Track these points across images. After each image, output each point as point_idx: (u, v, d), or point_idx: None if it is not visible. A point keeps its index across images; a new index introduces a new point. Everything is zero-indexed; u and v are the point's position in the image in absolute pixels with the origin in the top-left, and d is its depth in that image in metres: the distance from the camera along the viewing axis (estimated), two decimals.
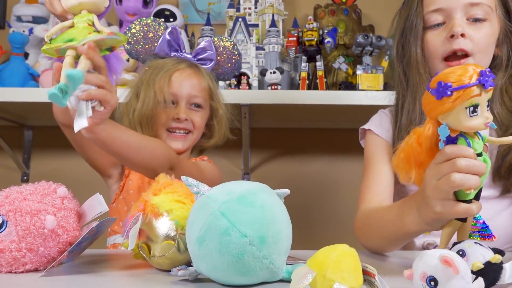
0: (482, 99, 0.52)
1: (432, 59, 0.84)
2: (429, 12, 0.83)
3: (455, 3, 0.80)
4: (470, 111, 0.52)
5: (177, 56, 1.06)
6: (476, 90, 0.52)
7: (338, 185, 1.75)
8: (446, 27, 0.82)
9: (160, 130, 1.02)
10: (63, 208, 0.62)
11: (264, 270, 0.50)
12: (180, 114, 1.00)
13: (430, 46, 0.84)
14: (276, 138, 1.77)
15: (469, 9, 0.80)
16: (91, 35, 0.68)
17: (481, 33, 0.81)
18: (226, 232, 0.48)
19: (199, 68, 1.06)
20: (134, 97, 1.04)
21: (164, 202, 0.59)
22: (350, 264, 0.44)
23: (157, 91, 0.99)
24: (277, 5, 1.60)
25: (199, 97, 1.03)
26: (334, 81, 1.57)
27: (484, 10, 0.81)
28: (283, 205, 0.55)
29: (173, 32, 1.05)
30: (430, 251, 0.43)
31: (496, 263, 0.46)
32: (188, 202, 0.60)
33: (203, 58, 1.07)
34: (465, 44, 0.79)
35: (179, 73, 1.02)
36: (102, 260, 0.74)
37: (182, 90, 1.01)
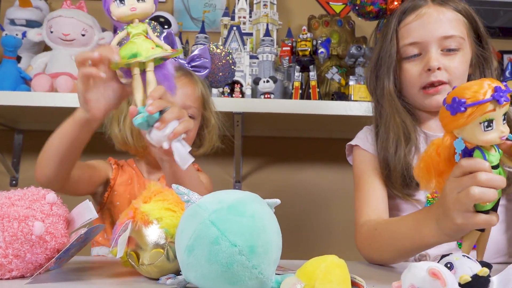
0: (497, 114, 0.53)
1: (410, 88, 0.88)
2: (405, 45, 0.87)
3: (430, 37, 0.85)
4: (484, 126, 0.53)
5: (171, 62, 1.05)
6: (490, 106, 0.52)
7: (329, 194, 1.75)
8: (422, 58, 0.86)
9: None
10: (52, 214, 0.61)
11: (253, 280, 0.50)
12: None
13: (408, 76, 0.88)
14: (269, 147, 1.77)
15: (443, 41, 0.85)
16: (156, 52, 0.68)
17: (455, 62, 0.86)
18: (216, 241, 0.48)
19: (193, 75, 1.04)
20: (125, 102, 1.02)
21: (154, 210, 0.59)
22: (339, 275, 0.44)
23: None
24: (272, 14, 1.61)
25: (192, 107, 1.01)
26: (327, 91, 1.58)
27: (457, 41, 0.86)
28: (273, 215, 0.54)
29: (169, 36, 1.02)
30: (418, 263, 0.43)
31: (483, 276, 0.46)
32: (179, 210, 0.59)
33: (198, 65, 1.06)
34: (442, 76, 0.85)
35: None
36: (90, 267, 0.73)
37: (177, 100, 0.98)
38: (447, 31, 0.85)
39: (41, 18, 1.57)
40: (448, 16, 0.86)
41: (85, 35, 1.47)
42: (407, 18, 0.88)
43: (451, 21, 0.86)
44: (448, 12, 0.86)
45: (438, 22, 0.85)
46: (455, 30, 0.86)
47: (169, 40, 1.04)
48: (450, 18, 0.86)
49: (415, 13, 0.87)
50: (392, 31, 0.88)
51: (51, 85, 1.37)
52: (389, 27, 0.90)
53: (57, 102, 1.33)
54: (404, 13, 0.89)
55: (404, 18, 0.88)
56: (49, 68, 1.47)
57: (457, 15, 0.87)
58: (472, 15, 0.89)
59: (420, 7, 0.87)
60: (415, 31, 0.86)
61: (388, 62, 0.88)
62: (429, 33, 0.85)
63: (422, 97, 0.88)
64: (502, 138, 0.54)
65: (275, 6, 1.63)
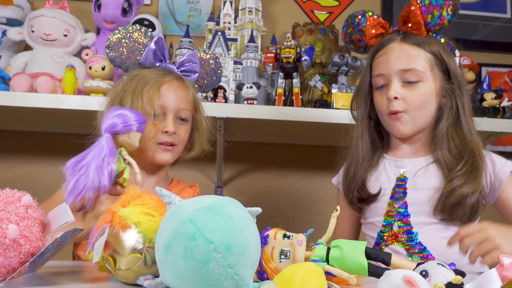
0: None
1: (380, 115, 1.02)
2: (375, 76, 1.00)
3: (391, 70, 0.96)
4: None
5: (161, 66, 1.04)
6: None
7: (310, 201, 1.76)
8: (387, 89, 0.98)
9: (149, 143, 0.98)
10: (27, 217, 0.60)
11: (229, 280, 0.50)
12: (169, 127, 0.98)
13: (377, 104, 1.01)
14: (251, 152, 1.77)
15: (403, 74, 0.96)
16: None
17: (415, 93, 0.96)
18: (192, 237, 0.48)
19: (184, 80, 1.05)
20: (117, 105, 0.99)
21: (132, 214, 0.58)
22: (315, 282, 0.45)
23: (146, 102, 0.96)
24: (257, 21, 1.62)
25: (186, 110, 1.02)
26: (309, 99, 1.60)
27: (416, 74, 0.96)
28: (253, 220, 0.55)
29: (159, 41, 1.03)
30: (393, 270, 0.44)
31: (457, 284, 0.47)
32: (157, 215, 0.59)
33: (187, 70, 1.07)
34: (398, 105, 0.96)
35: (167, 85, 1.00)
36: (65, 272, 0.72)
37: (171, 103, 0.99)
38: (406, 65, 0.96)
39: (23, 17, 1.54)
40: (410, 52, 0.96)
41: (67, 35, 1.45)
42: (378, 53, 1.01)
43: (412, 57, 0.96)
44: (411, 48, 0.97)
45: (399, 57, 0.96)
46: (415, 65, 0.95)
47: (159, 46, 1.04)
48: (412, 54, 0.96)
49: (384, 49, 0.99)
50: (367, 65, 1.02)
51: (31, 85, 1.34)
52: (367, 60, 1.03)
53: (36, 103, 1.31)
54: (377, 48, 1.01)
55: (376, 53, 1.01)
56: (29, 68, 1.44)
57: (420, 51, 0.97)
58: (439, 52, 0.97)
59: (389, 44, 0.99)
60: (381, 65, 0.98)
61: (364, 91, 1.02)
62: (390, 67, 0.96)
63: (389, 122, 1.00)
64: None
65: (260, 13, 1.64)
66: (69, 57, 1.48)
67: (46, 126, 1.64)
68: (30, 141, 1.69)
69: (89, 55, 1.41)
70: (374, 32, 1.00)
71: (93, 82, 1.33)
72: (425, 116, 0.98)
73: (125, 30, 1.03)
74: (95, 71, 1.32)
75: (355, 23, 1.05)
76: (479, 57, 1.88)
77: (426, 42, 0.97)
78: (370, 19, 1.01)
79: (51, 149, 1.67)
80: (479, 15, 1.93)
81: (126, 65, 1.05)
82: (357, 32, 1.06)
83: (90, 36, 1.50)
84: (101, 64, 1.33)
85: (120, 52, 1.03)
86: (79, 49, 1.49)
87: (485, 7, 1.93)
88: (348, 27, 1.07)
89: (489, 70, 1.90)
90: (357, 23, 1.05)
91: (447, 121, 0.98)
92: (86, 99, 1.31)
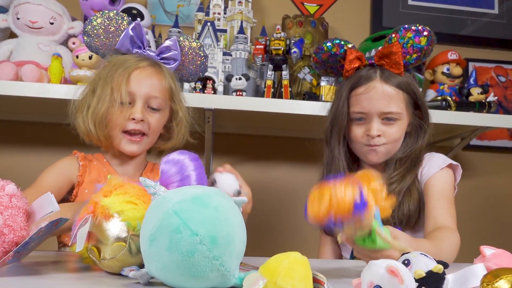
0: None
1: (355, 143, 1.06)
2: (354, 112, 1.03)
3: (373, 111, 1.01)
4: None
5: (139, 53, 1.01)
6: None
7: (298, 193, 1.77)
8: (366, 124, 1.03)
9: (115, 131, 0.97)
10: (11, 206, 0.59)
11: (214, 272, 0.50)
12: (136, 114, 0.95)
13: (353, 136, 1.05)
14: (239, 144, 1.77)
15: (383, 114, 1.02)
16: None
17: (393, 130, 1.02)
18: (177, 230, 0.48)
19: (161, 67, 1.01)
20: (90, 93, 0.99)
21: (114, 203, 0.58)
22: (301, 272, 0.45)
23: (114, 88, 0.94)
24: (246, 12, 1.61)
25: (158, 98, 0.99)
26: (298, 91, 1.60)
27: (396, 114, 1.02)
28: (238, 211, 0.55)
29: (137, 27, 1.00)
30: (377, 261, 0.44)
31: (438, 272, 0.48)
32: (140, 203, 0.59)
33: (167, 57, 1.03)
34: (379, 141, 1.02)
35: (139, 71, 0.97)
36: (50, 262, 0.71)
37: (141, 90, 0.96)
38: (387, 107, 1.01)
39: (7, 4, 1.51)
40: (390, 94, 1.01)
41: (53, 23, 1.43)
42: (357, 89, 1.03)
43: (392, 99, 1.01)
44: (391, 89, 1.01)
45: (381, 99, 1.00)
46: (395, 107, 1.01)
47: (136, 32, 1.01)
48: (392, 96, 1.01)
49: (364, 86, 1.02)
50: (345, 97, 1.04)
51: (16, 74, 1.32)
52: (343, 90, 1.05)
53: (21, 92, 1.28)
54: (356, 83, 1.03)
55: (355, 87, 1.03)
56: (14, 56, 1.42)
57: (398, 92, 1.01)
58: (412, 89, 1.03)
59: (369, 82, 1.01)
60: (362, 102, 1.02)
61: (341, 123, 1.05)
62: (373, 107, 1.01)
63: (365, 151, 1.05)
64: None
65: (250, 4, 1.63)
66: (55, 46, 1.45)
67: (31, 115, 1.61)
68: (15, 130, 1.66)
69: (76, 43, 1.39)
70: (351, 66, 1.04)
71: (80, 71, 1.31)
72: (396, 147, 1.06)
73: (102, 16, 1.00)
74: (82, 60, 1.31)
75: (331, 53, 1.06)
76: (467, 52, 1.89)
77: (403, 82, 1.02)
78: (348, 53, 1.04)
79: (36, 139, 1.65)
80: (468, 11, 1.94)
81: (102, 51, 1.02)
82: (332, 61, 1.08)
83: (77, 25, 1.47)
84: (88, 53, 1.31)
85: (96, 37, 0.99)
86: (65, 38, 1.47)
87: (473, 2, 1.95)
88: (323, 55, 1.08)
89: (476, 65, 1.92)
90: (334, 53, 1.06)
91: (406, 147, 1.06)
92: (73, 88, 1.28)
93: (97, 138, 0.98)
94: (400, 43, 0.99)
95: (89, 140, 1.01)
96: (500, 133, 1.91)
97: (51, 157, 1.58)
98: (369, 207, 0.59)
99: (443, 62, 1.69)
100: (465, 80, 1.71)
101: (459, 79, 1.70)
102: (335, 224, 0.60)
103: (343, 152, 1.07)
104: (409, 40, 0.99)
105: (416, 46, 0.99)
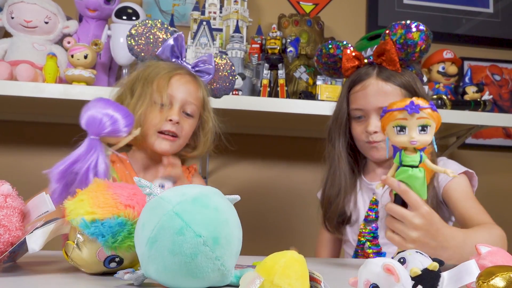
0: (409, 123, 0.68)
1: (357, 141, 1.07)
2: (353, 109, 1.05)
3: (370, 106, 1.01)
4: (397, 130, 0.69)
5: (177, 62, 1.06)
6: (400, 114, 0.68)
7: (293, 193, 1.77)
8: (365, 121, 1.04)
9: (151, 130, 1.00)
10: (6, 206, 0.59)
11: (215, 272, 0.50)
12: (173, 115, 0.99)
13: (354, 133, 1.06)
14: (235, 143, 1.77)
15: (380, 110, 0.97)
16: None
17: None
18: (180, 232, 0.48)
19: (197, 78, 1.06)
20: (128, 92, 1.02)
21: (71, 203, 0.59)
22: (297, 270, 0.45)
23: (155, 89, 0.99)
24: (242, 11, 1.61)
25: (193, 104, 1.03)
26: (294, 90, 1.60)
27: None
28: (234, 209, 0.55)
29: (178, 38, 1.04)
30: (374, 259, 0.44)
31: (433, 270, 0.48)
32: (86, 198, 0.58)
33: (201, 70, 1.08)
34: (377, 137, 1.02)
35: (179, 77, 1.02)
36: (46, 262, 0.71)
37: (179, 94, 1.01)
38: (383, 102, 0.97)
39: (1, 3, 1.50)
40: (387, 90, 1.01)
41: (48, 22, 1.42)
42: (355, 87, 1.04)
43: (388, 94, 1.00)
44: (387, 85, 1.01)
45: (377, 95, 1.00)
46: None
47: (178, 42, 1.04)
48: (388, 92, 1.00)
49: (361, 83, 1.03)
50: (343, 95, 1.06)
51: (11, 73, 1.31)
52: (343, 89, 1.08)
53: (16, 91, 1.28)
54: (354, 81, 1.04)
55: (353, 86, 1.05)
56: (9, 55, 1.41)
57: (396, 88, 1.01)
58: (412, 86, 1.02)
59: (366, 79, 1.03)
60: (359, 99, 1.03)
61: (341, 120, 1.06)
62: (369, 103, 1.01)
63: (366, 148, 1.05)
64: (411, 142, 0.68)
65: (246, 3, 1.63)
66: (50, 45, 1.45)
67: (26, 115, 1.61)
68: (9, 130, 1.65)
69: (71, 43, 1.38)
70: (350, 65, 1.04)
71: (75, 71, 1.30)
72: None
73: (147, 23, 1.04)
74: (77, 59, 1.30)
75: (329, 54, 1.07)
76: (462, 51, 1.90)
77: (401, 78, 1.02)
78: (345, 52, 1.04)
79: (31, 139, 1.64)
80: (463, 10, 1.95)
81: (142, 56, 1.05)
82: (332, 63, 1.09)
83: (72, 24, 1.47)
84: (83, 52, 1.30)
85: (139, 41, 1.04)
86: (60, 37, 1.47)
87: (468, 1, 1.96)
88: (323, 57, 1.09)
89: (471, 64, 1.93)
90: (332, 54, 1.07)
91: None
92: (68, 88, 1.29)
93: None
94: (393, 40, 0.99)
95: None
96: (495, 132, 1.92)
97: (46, 157, 1.57)
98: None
99: (439, 61, 1.70)
100: (460, 79, 1.72)
101: (454, 78, 1.71)
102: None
103: (344, 148, 1.07)
104: (401, 36, 0.98)
105: (409, 42, 0.99)
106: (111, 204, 0.57)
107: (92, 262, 0.58)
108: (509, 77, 1.96)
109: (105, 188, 0.60)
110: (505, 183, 1.91)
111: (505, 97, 1.94)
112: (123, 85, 1.05)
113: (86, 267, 0.59)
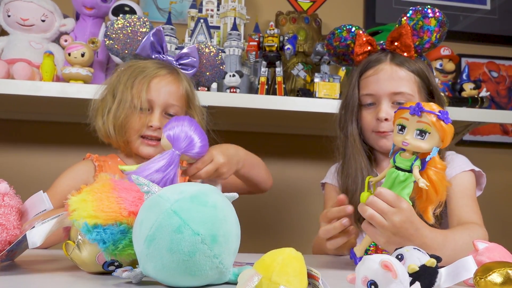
0: (409, 123, 0.66)
1: (365, 131, 1.02)
2: (363, 95, 1.00)
3: (382, 92, 0.97)
4: (398, 128, 0.68)
5: (159, 58, 1.04)
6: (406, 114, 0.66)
7: (292, 190, 1.77)
8: (375, 108, 0.99)
9: (134, 136, 1.00)
10: (3, 205, 0.59)
11: (213, 269, 0.50)
12: (154, 121, 0.99)
13: (364, 122, 1.02)
14: (233, 141, 1.76)
15: (393, 96, 0.98)
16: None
17: None
18: (178, 230, 0.48)
19: (179, 73, 1.05)
20: (110, 96, 1.02)
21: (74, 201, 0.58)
22: (295, 267, 0.45)
23: (134, 95, 0.98)
24: (240, 9, 1.60)
25: (175, 106, 1.02)
26: (292, 88, 1.60)
27: (406, 97, 0.97)
28: (232, 206, 0.55)
29: (158, 33, 1.03)
30: (372, 256, 0.45)
31: (431, 266, 0.48)
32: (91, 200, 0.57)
33: (185, 64, 1.06)
34: (388, 127, 0.97)
35: (158, 79, 1.00)
36: (44, 260, 0.71)
37: (159, 98, 1.00)
38: (397, 88, 0.97)
39: None
40: (401, 75, 0.97)
41: (45, 20, 1.42)
42: (367, 72, 1.00)
43: (402, 80, 0.97)
44: (401, 71, 0.97)
45: (390, 80, 0.97)
46: (405, 88, 0.97)
47: (157, 37, 1.03)
48: (402, 77, 0.97)
49: (373, 68, 0.99)
50: (355, 81, 1.01)
51: (7, 72, 1.31)
52: (353, 76, 1.03)
53: (13, 90, 1.27)
54: (365, 66, 1.01)
55: (364, 71, 1.01)
56: (5, 53, 1.40)
57: (410, 74, 0.98)
58: (425, 74, 0.99)
59: (379, 64, 0.99)
60: (371, 84, 0.99)
61: (352, 107, 1.01)
62: (381, 88, 0.97)
63: (374, 138, 1.01)
64: (403, 143, 0.67)
65: (243, 1, 1.63)
66: (47, 43, 1.44)
67: (23, 113, 1.60)
68: (6, 129, 1.65)
69: (68, 41, 1.38)
70: (362, 50, 1.01)
71: (72, 69, 1.30)
72: None
73: (124, 20, 1.03)
74: (75, 57, 1.30)
75: (342, 37, 1.04)
76: (459, 48, 1.90)
77: (415, 65, 0.98)
78: (358, 36, 1.01)
79: (28, 137, 1.64)
80: (460, 6, 1.95)
81: (122, 54, 1.04)
82: (343, 47, 1.05)
83: (69, 22, 1.46)
84: (80, 50, 1.30)
85: (117, 41, 1.03)
86: (57, 35, 1.46)
87: None
88: (335, 40, 1.06)
89: (468, 60, 1.93)
90: (344, 38, 1.04)
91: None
92: (65, 86, 1.28)
93: (116, 141, 1.02)
94: (410, 25, 0.96)
95: (108, 142, 1.04)
96: (492, 128, 1.92)
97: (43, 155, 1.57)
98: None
99: (436, 58, 1.70)
100: (457, 75, 1.72)
101: (452, 75, 1.71)
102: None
103: (356, 132, 1.01)
104: (419, 21, 0.95)
105: (427, 28, 0.95)
106: (115, 209, 0.56)
107: (91, 264, 0.58)
108: (507, 73, 1.96)
109: (110, 190, 0.59)
110: (502, 180, 1.92)
111: (503, 94, 1.95)
112: (105, 88, 1.04)
113: (85, 268, 0.59)
